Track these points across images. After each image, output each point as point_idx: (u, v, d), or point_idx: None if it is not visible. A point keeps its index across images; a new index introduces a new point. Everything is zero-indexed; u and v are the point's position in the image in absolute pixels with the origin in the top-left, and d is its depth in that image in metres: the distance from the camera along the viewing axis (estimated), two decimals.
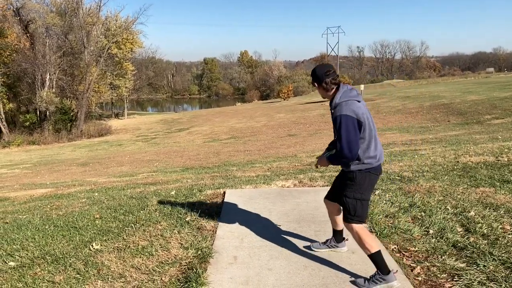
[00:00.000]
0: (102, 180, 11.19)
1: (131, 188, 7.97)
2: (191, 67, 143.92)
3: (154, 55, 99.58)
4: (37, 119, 43.28)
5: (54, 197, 8.06)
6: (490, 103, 26.18)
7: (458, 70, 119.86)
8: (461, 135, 14.15)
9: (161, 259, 3.71)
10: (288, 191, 5.97)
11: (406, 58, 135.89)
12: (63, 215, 5.56)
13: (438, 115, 26.12)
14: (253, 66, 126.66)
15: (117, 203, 5.87)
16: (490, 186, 5.36)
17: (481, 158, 7.32)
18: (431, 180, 5.95)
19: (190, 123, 43.79)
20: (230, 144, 24.14)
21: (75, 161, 21.30)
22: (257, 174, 8.41)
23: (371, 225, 4.28)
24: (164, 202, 5.57)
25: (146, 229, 4.49)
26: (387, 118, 27.99)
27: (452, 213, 4.47)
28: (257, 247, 3.93)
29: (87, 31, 46.27)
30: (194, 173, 10.31)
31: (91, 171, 16.22)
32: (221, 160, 14.51)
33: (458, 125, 21.12)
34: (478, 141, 10.84)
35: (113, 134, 42.83)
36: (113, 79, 57.21)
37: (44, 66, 42.06)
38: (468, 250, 3.56)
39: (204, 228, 4.46)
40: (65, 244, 4.23)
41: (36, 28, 43.54)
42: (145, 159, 19.03)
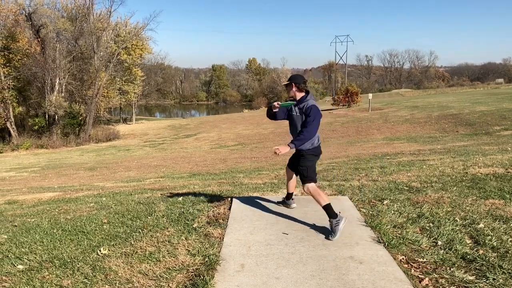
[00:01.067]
0: (109, 185, 11.24)
1: (138, 194, 7.99)
2: (199, 73, 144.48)
3: (163, 61, 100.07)
4: (46, 123, 43.63)
5: (62, 201, 8.11)
6: (499, 114, 26.03)
7: (467, 80, 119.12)
8: (469, 146, 14.06)
9: (169, 265, 3.71)
10: (296, 199, 5.94)
11: (414, 68, 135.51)
12: (71, 219, 5.59)
13: (446, 125, 26.00)
14: (261, 74, 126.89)
15: (125, 208, 5.90)
16: (500, 198, 5.32)
17: (490, 170, 7.27)
18: (439, 191, 5.91)
19: (198, 129, 43.92)
20: (237, 150, 24.18)
21: (83, 166, 21.42)
22: (264, 182, 8.41)
23: (379, 235, 4.26)
24: (171, 208, 5.58)
25: (153, 234, 4.50)
26: (395, 128, 27.91)
27: (461, 224, 4.44)
28: (264, 255, 3.92)
29: (97, 36, 46.68)
30: (201, 179, 10.33)
31: (98, 175, 16.30)
32: (228, 166, 14.53)
33: (466, 136, 21.01)
34: (487, 152, 10.76)
35: (121, 139, 43.06)
36: (122, 84, 57.56)
37: (54, 70, 42.47)
38: (478, 262, 3.53)
39: (211, 235, 4.46)
40: (73, 248, 4.25)
41: (47, 33, 44.03)
42: (152, 164, 19.10)
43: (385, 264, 3.64)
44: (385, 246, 4.00)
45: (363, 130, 28.67)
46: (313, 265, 3.69)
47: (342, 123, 32.50)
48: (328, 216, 4.41)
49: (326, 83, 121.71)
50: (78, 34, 47.81)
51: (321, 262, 3.74)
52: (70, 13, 49.47)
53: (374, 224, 4.59)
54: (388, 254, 3.82)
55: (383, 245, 4.03)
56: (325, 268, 3.62)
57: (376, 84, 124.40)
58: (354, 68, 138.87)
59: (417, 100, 45.78)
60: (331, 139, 25.88)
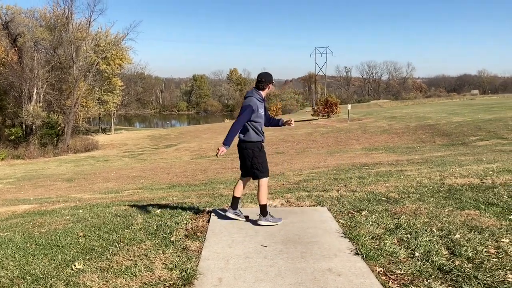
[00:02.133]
0: (87, 197, 11.05)
1: (116, 206, 7.87)
2: (180, 83, 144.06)
3: (143, 71, 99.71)
4: (23, 133, 42.84)
5: (37, 214, 7.92)
6: (475, 125, 26.61)
7: (443, 91, 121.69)
8: (446, 156, 14.30)
9: (145, 280, 3.64)
10: (275, 210, 5.94)
11: (392, 79, 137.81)
12: (46, 232, 5.46)
13: (424, 135, 26.43)
14: (242, 84, 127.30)
15: (102, 221, 5.79)
16: (475, 209, 5.40)
17: (466, 180, 7.40)
18: (417, 201, 5.98)
19: (178, 139, 43.67)
20: (218, 161, 24.09)
21: (60, 177, 21.03)
22: (244, 193, 8.37)
23: (358, 246, 4.27)
24: (149, 221, 5.51)
25: (130, 248, 4.42)
26: (374, 138, 28.24)
27: (437, 235, 4.48)
28: (242, 268, 3.89)
29: (76, 46, 46.23)
30: (181, 191, 10.24)
31: (76, 187, 16.02)
32: (209, 177, 14.46)
33: (443, 146, 21.38)
34: (463, 163, 10.96)
35: (100, 150, 42.51)
36: (101, 94, 57.07)
37: (31, 80, 41.84)
38: (454, 273, 3.56)
39: (189, 249, 4.40)
40: (46, 263, 4.14)
41: (25, 42, 43.40)
42: (131, 175, 18.87)
43: (363, 276, 3.64)
44: (363, 258, 4.01)
45: (342, 141, 28.93)
46: (291, 278, 3.67)
47: (322, 133, 32.74)
48: (261, 213, 5.16)
49: (306, 93, 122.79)
50: (57, 44, 47.27)
51: (299, 275, 3.72)
52: (48, 22, 48.93)
53: (352, 235, 4.60)
54: (366, 266, 3.83)
55: (361, 257, 4.04)
56: (304, 281, 3.60)
57: (355, 95, 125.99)
58: (334, 79, 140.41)
59: (395, 111, 46.48)
60: (311, 149, 26.03)
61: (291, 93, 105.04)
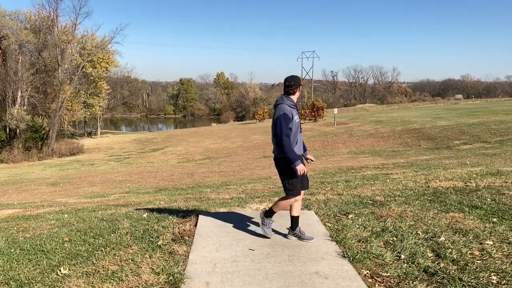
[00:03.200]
0: (72, 201, 10.93)
1: (102, 210, 7.80)
2: (166, 87, 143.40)
3: (129, 75, 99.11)
4: (7, 137, 42.20)
5: (22, 219, 7.81)
6: (459, 129, 26.97)
7: (428, 96, 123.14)
8: (431, 160, 14.47)
9: (131, 285, 3.62)
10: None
11: (378, 83, 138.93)
12: (30, 237, 5.39)
13: (409, 139, 26.70)
14: (229, 88, 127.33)
15: (87, 226, 5.73)
16: (460, 212, 5.47)
17: (450, 183, 7.49)
18: (402, 204, 6.04)
19: (165, 143, 43.45)
20: (205, 165, 24.03)
21: (45, 181, 20.77)
22: (231, 196, 8.38)
23: (344, 249, 4.30)
24: (136, 225, 5.47)
25: (116, 253, 4.39)
26: (360, 142, 28.44)
27: (423, 238, 4.54)
28: (230, 272, 3.88)
29: (61, 49, 45.79)
30: (168, 195, 10.19)
31: (61, 191, 15.84)
32: (195, 181, 14.41)
33: (428, 150, 21.63)
34: (447, 166, 11.10)
35: (85, 153, 42.08)
36: (87, 97, 56.57)
37: (15, 83, 41.31)
38: (439, 275, 3.60)
39: (176, 253, 4.39)
40: (31, 268, 4.08)
41: (9, 44, 42.88)
42: (117, 179, 18.72)
43: (350, 279, 3.66)
44: (350, 261, 4.04)
45: (328, 144, 29.08)
46: (279, 281, 3.68)
47: (309, 137, 32.87)
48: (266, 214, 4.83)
49: None
50: (42, 46, 46.79)
51: (286, 278, 3.73)
52: (33, 24, 48.41)
53: (339, 238, 4.63)
54: (353, 269, 3.86)
55: (348, 259, 4.07)
56: (291, 284, 3.61)
57: (341, 99, 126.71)
58: (320, 84, 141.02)
59: (381, 115, 46.90)
60: None
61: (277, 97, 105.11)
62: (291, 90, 4.55)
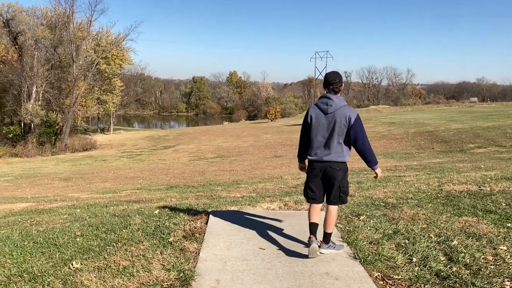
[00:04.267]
0: (84, 196, 11.04)
1: (114, 206, 7.86)
2: (179, 84, 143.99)
3: (143, 72, 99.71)
4: (21, 131, 42.75)
5: (35, 212, 7.91)
6: (473, 132, 26.65)
7: (442, 98, 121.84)
8: (444, 163, 14.33)
9: (142, 281, 3.64)
10: (273, 213, 5.94)
11: (392, 85, 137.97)
12: (43, 231, 5.45)
13: (422, 142, 26.47)
14: (242, 87, 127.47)
15: (99, 221, 5.78)
16: (473, 216, 5.41)
17: (464, 187, 7.41)
18: (415, 207, 5.99)
19: (177, 140, 43.65)
20: (216, 163, 24.09)
21: (58, 176, 21.00)
22: (242, 195, 8.38)
23: (355, 251, 4.28)
24: (147, 221, 5.50)
25: (128, 248, 4.42)
26: (372, 143, 28.03)
27: (435, 241, 4.49)
28: (240, 271, 3.88)
29: (76, 45, 46.23)
30: (179, 192, 10.24)
31: (73, 186, 16.00)
32: (207, 179, 14.45)
33: (442, 153, 21.41)
34: (461, 170, 10.98)
35: (98, 149, 42.46)
36: (100, 94, 57.04)
37: (31, 78, 41.79)
38: (451, 279, 3.56)
39: (187, 250, 4.40)
40: (44, 261, 4.13)
41: (25, 40, 43.37)
42: (129, 175, 18.85)
43: (360, 281, 3.64)
44: (361, 262, 4.02)
45: None
46: (289, 281, 3.67)
47: None
48: None
49: (305, 97, 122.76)
50: (57, 42, 47.26)
51: (297, 278, 3.72)
52: (49, 21, 48.91)
53: (350, 240, 4.61)
54: (364, 271, 3.83)
55: (359, 261, 4.04)
56: (301, 285, 3.60)
57: (354, 99, 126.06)
58: None
59: (394, 117, 46.56)
60: None
61: (290, 96, 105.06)
62: (336, 88, 4.15)
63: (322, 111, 4.10)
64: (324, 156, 4.13)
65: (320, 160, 4.15)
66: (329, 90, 4.15)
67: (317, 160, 4.18)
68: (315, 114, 4.14)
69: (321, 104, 4.13)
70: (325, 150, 4.13)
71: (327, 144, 4.12)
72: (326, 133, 4.09)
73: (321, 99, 4.17)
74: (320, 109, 4.12)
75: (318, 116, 4.11)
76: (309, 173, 4.31)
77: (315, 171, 4.23)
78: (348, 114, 4.06)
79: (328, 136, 4.09)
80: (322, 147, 4.14)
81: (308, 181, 4.33)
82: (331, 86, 4.12)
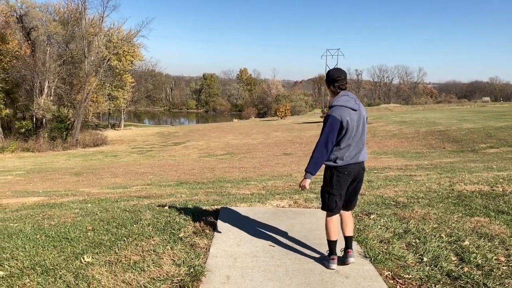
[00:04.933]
0: (95, 191, 11.11)
1: (124, 201, 7.91)
2: (190, 81, 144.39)
3: (154, 68, 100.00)
4: (33, 126, 43.17)
5: (47, 206, 7.98)
6: (485, 132, 26.36)
7: (454, 97, 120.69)
8: (456, 163, 14.20)
9: (153, 275, 3.66)
10: (283, 211, 5.94)
11: (403, 83, 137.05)
12: (55, 225, 5.50)
13: (433, 141, 26.25)
14: (252, 84, 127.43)
15: (110, 216, 5.82)
16: (485, 216, 5.36)
17: (476, 187, 7.34)
18: (426, 207, 5.95)
19: (186, 137, 43.78)
20: (226, 160, 24.12)
21: (69, 170, 21.18)
22: (252, 192, 8.38)
23: (366, 249, 4.26)
24: (158, 217, 5.53)
25: (138, 243, 4.45)
26: (383, 142, 28.09)
27: (446, 241, 4.46)
28: (250, 267, 3.89)
29: (88, 41, 46.50)
30: (189, 188, 10.26)
31: (84, 181, 16.12)
32: (216, 176, 14.47)
33: (453, 153, 21.23)
34: (473, 170, 10.87)
35: (109, 145, 42.72)
36: (111, 90, 57.38)
37: (43, 73, 42.14)
38: (462, 280, 3.54)
39: (197, 246, 4.42)
40: (56, 255, 4.17)
41: (38, 35, 43.74)
42: (139, 171, 18.95)
43: (371, 280, 3.63)
44: (371, 261, 4.00)
45: None
46: (299, 278, 3.67)
47: None
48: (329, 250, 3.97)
49: (316, 95, 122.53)
50: (69, 38, 47.60)
51: (307, 276, 3.72)
52: (62, 17, 49.26)
53: (360, 238, 4.59)
54: (374, 270, 3.82)
55: (369, 260, 4.03)
56: (311, 282, 3.60)
57: (365, 98, 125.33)
58: None
59: (405, 116, 46.22)
60: None
61: (300, 94, 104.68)
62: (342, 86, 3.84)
63: (352, 109, 3.74)
64: (360, 157, 3.85)
65: (357, 162, 3.83)
66: (334, 87, 3.81)
67: (354, 162, 3.82)
68: (349, 115, 3.69)
69: (347, 103, 3.74)
70: (361, 151, 3.86)
71: (361, 144, 3.86)
72: (359, 132, 3.81)
73: (342, 97, 3.76)
74: (350, 108, 3.73)
75: (352, 116, 3.71)
76: (339, 180, 3.81)
77: (350, 176, 3.84)
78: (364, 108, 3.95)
79: (360, 135, 3.83)
80: (358, 148, 3.83)
81: (340, 189, 3.84)
82: (337, 83, 3.79)
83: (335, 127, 3.66)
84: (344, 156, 3.75)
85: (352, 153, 3.77)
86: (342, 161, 3.76)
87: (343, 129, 3.67)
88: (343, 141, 3.72)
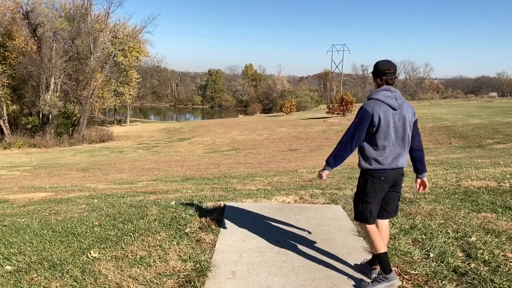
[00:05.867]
0: (101, 187, 11.16)
1: (130, 196, 7.94)
2: (195, 77, 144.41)
3: (159, 64, 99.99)
4: (40, 122, 43.37)
5: (53, 202, 8.04)
6: (492, 128, 26.20)
7: (461, 93, 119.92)
8: (462, 159, 14.13)
9: (159, 270, 3.68)
10: (289, 207, 5.94)
11: (409, 79, 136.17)
12: (62, 220, 5.54)
13: (440, 137, 26.13)
14: (257, 80, 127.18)
15: (117, 211, 5.85)
16: (492, 212, 5.33)
17: (483, 183, 7.30)
18: (432, 202, 5.92)
19: (192, 133, 43.85)
20: (231, 156, 24.13)
21: (75, 166, 21.28)
22: (257, 188, 8.39)
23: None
24: (164, 212, 5.55)
25: (145, 239, 4.47)
26: None
27: (453, 237, 4.44)
28: (256, 263, 3.90)
29: (94, 37, 46.58)
30: (194, 184, 10.29)
31: (91, 176, 16.19)
32: (222, 171, 14.49)
33: (459, 148, 21.12)
34: (479, 165, 10.81)
35: (115, 141, 42.87)
36: (117, 86, 57.44)
37: (49, 69, 42.27)
38: (469, 276, 3.52)
39: (203, 241, 4.43)
40: (63, 250, 4.20)
41: (44, 32, 43.81)
42: (145, 167, 19.01)
43: None
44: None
45: None
46: (305, 274, 3.67)
47: (337, 131, 32.59)
48: (380, 267, 3.45)
49: (321, 91, 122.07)
50: (75, 34, 47.68)
51: (313, 272, 3.72)
52: (68, 13, 49.34)
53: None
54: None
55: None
56: (317, 278, 3.60)
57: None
58: (350, 77, 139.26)
59: None
60: (325, 147, 25.91)
61: (306, 90, 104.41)
62: (390, 80, 3.50)
63: (391, 107, 3.35)
64: (399, 162, 3.45)
65: (396, 167, 3.44)
66: (382, 80, 3.46)
67: (392, 168, 3.42)
68: (383, 112, 3.32)
69: (386, 98, 3.37)
70: (398, 156, 3.44)
71: (400, 148, 3.46)
72: (398, 135, 3.42)
73: (382, 92, 3.41)
74: (388, 104, 3.35)
75: (387, 113, 3.33)
76: (374, 186, 3.45)
77: (387, 183, 3.47)
78: (413, 109, 3.56)
79: (401, 139, 3.44)
80: (395, 153, 3.43)
81: (375, 196, 3.47)
82: (385, 76, 3.43)
83: (364, 120, 3.34)
84: (379, 159, 3.39)
85: (389, 157, 3.39)
86: (377, 164, 3.40)
87: (373, 125, 3.33)
88: (378, 140, 3.37)
